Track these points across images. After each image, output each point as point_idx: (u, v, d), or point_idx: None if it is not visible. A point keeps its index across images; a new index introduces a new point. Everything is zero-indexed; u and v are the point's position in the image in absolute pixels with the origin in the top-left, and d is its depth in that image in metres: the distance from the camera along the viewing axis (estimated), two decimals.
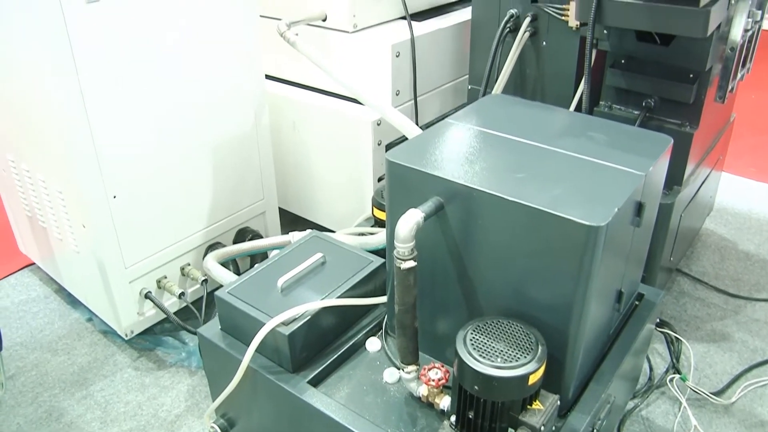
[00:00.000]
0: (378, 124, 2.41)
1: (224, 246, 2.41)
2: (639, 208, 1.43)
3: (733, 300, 2.62)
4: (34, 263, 2.83)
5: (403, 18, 2.56)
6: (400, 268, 1.29)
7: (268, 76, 2.71)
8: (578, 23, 2.16)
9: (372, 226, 2.16)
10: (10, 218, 2.71)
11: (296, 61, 2.56)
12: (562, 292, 1.28)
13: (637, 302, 1.79)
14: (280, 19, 2.30)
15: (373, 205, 2.12)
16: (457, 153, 1.46)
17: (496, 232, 1.32)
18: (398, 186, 1.44)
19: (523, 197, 1.27)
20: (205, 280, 2.36)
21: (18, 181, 2.41)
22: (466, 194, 1.32)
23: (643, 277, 1.95)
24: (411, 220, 1.28)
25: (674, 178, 2.19)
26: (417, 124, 2.50)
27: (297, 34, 2.30)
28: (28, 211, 2.47)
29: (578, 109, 2.19)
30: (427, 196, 1.38)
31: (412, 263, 1.29)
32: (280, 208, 2.75)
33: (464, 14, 2.72)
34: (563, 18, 2.18)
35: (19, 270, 2.87)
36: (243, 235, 2.52)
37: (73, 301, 2.64)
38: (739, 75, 2.30)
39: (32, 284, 2.78)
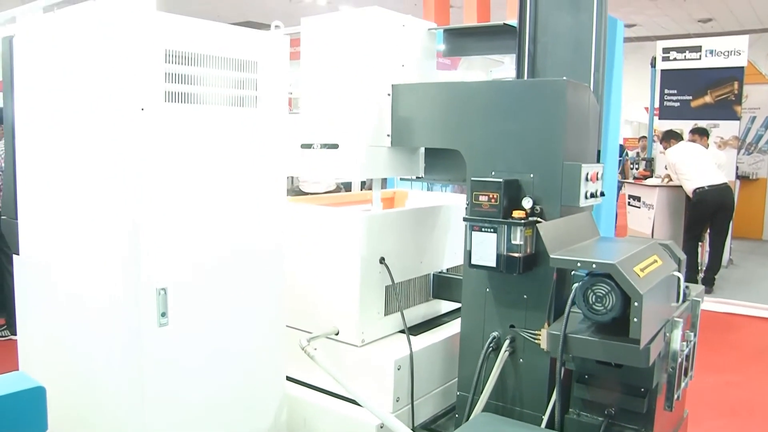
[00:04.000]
0: (381, 427, 2.78)
1: None
2: None
3: None
4: None
5: (403, 331, 3.05)
6: None
7: None
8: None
9: None
10: None
11: (310, 364, 2.99)
12: None
13: None
14: (302, 330, 2.78)
15: None
16: None
17: None
18: None
19: None
20: None
21: None
22: None
23: None
24: None
25: None
26: (413, 425, 2.90)
27: (316, 349, 2.77)
28: None
29: (551, 417, 2.60)
30: None
31: None
32: None
33: (454, 327, 3.23)
34: (536, 341, 2.67)
35: None
36: None
37: None
38: (683, 384, 2.76)
39: None
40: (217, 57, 2.39)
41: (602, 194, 2.78)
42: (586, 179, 2.62)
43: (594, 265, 2.27)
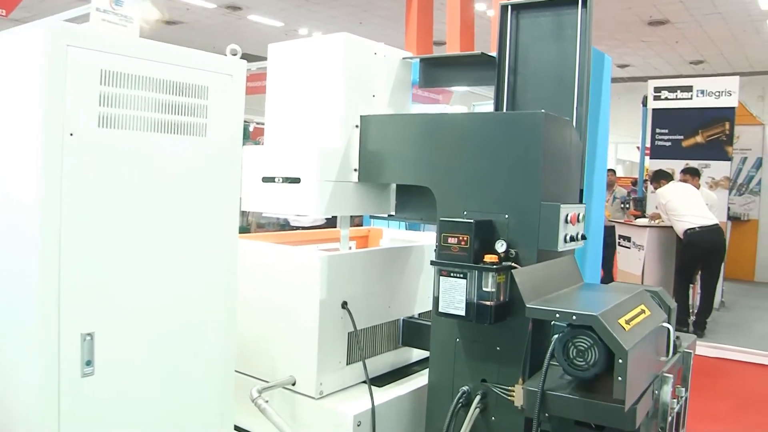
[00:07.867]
0: None
1: None
2: None
3: None
4: None
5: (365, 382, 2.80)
6: None
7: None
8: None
9: None
10: None
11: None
12: None
13: None
14: (256, 378, 2.53)
15: None
16: None
17: None
18: None
19: None
20: None
21: None
22: None
23: None
24: None
25: None
26: None
27: (267, 401, 2.52)
28: None
29: None
30: None
31: None
32: None
33: (424, 378, 2.96)
34: (510, 398, 2.43)
35: None
36: None
37: None
38: None
39: None
40: (162, 80, 2.16)
41: (583, 237, 2.56)
42: (566, 221, 2.41)
43: (574, 317, 2.05)
